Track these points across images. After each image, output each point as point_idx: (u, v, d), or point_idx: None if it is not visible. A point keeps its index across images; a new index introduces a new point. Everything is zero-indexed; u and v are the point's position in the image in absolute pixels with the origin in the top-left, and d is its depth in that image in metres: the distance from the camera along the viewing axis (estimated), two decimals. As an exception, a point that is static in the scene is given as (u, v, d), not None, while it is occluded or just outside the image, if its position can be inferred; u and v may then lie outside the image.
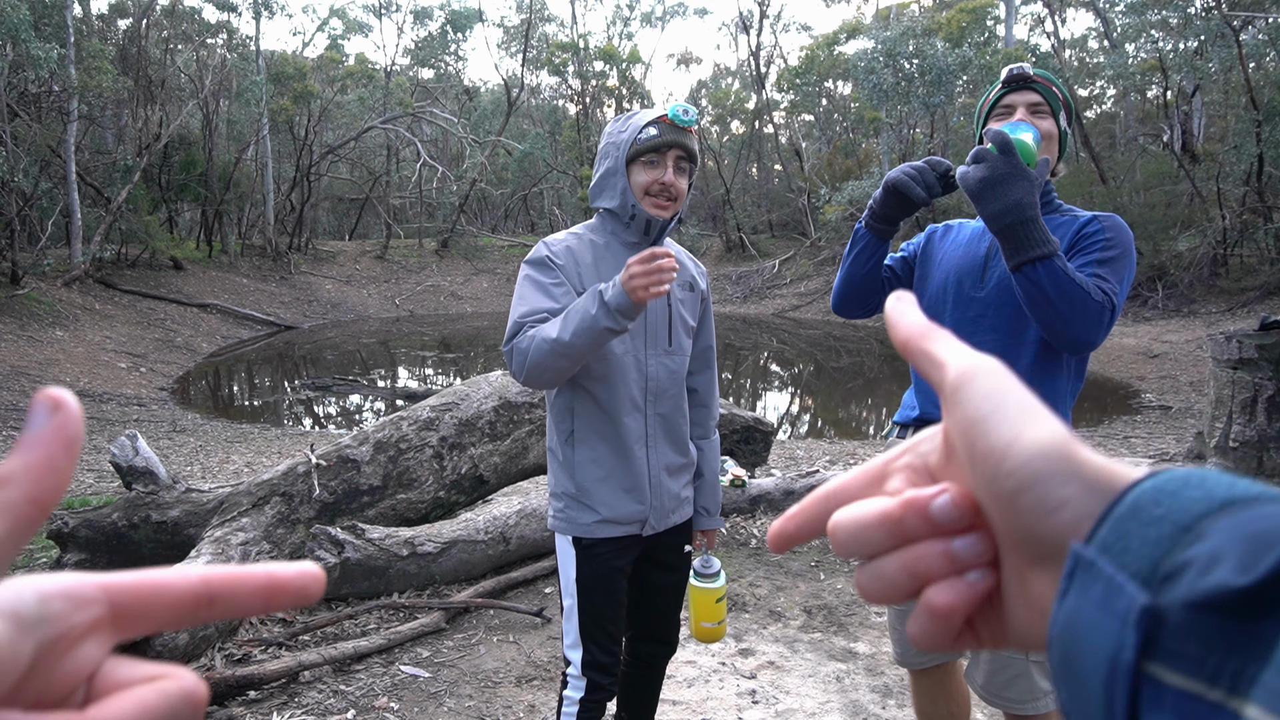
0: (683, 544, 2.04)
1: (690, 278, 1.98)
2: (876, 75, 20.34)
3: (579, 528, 1.87)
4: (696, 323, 2.01)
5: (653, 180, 1.81)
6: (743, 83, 39.13)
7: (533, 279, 1.82)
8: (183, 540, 3.58)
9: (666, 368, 1.90)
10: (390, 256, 26.73)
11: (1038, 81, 1.79)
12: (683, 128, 1.81)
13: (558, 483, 1.91)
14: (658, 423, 1.90)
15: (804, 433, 10.85)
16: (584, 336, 1.63)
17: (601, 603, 1.89)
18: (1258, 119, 14.39)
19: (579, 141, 30.30)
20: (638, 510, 1.88)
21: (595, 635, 1.88)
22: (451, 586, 3.68)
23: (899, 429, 1.97)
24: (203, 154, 22.21)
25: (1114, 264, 1.70)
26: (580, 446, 1.86)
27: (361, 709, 2.74)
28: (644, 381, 1.87)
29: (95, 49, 17.54)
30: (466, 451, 4.04)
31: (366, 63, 31.73)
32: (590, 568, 1.88)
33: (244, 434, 9.16)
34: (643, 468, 1.87)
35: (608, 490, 1.85)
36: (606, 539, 1.87)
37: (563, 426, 1.89)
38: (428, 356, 17.07)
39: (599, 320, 1.61)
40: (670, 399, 1.91)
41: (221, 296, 19.77)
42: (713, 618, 2.02)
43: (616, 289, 1.60)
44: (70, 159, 16.86)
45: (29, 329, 13.43)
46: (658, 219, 1.83)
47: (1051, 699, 1.78)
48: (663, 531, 1.95)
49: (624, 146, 1.82)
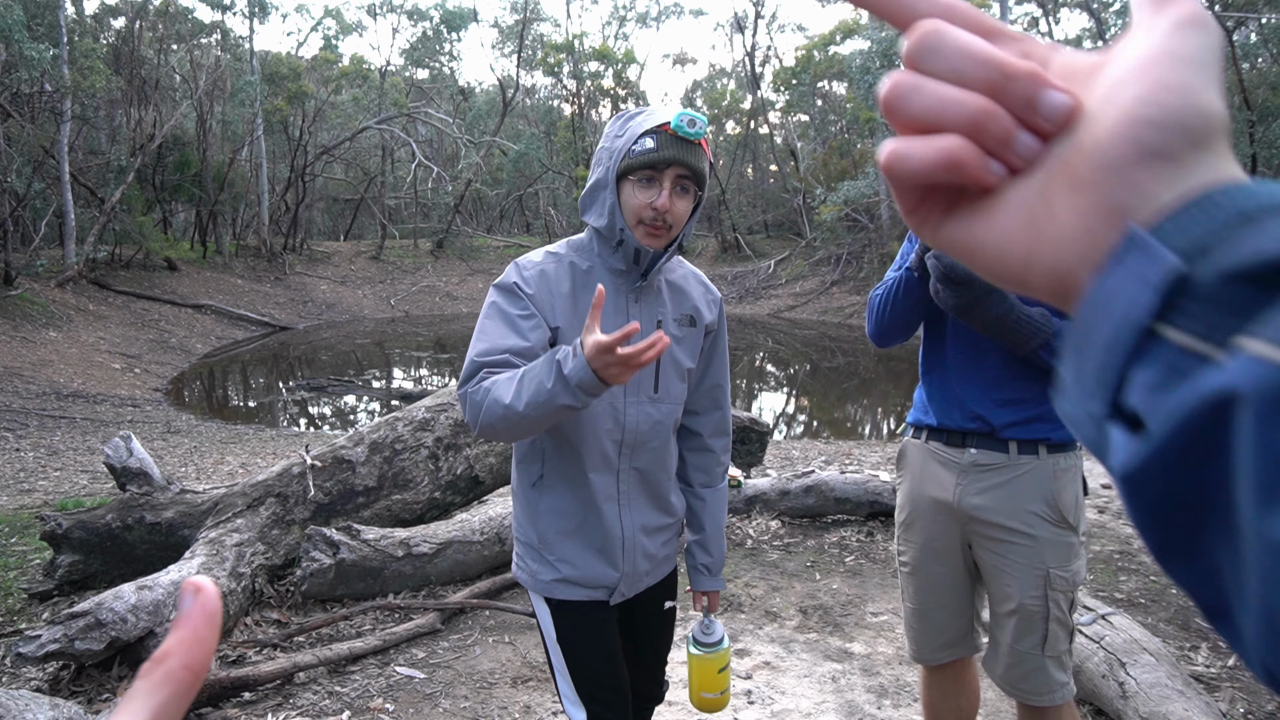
0: (662, 601, 1.78)
1: (691, 309, 1.68)
2: (872, 75, 20.38)
3: (540, 585, 1.63)
4: (698, 362, 1.72)
5: (645, 204, 1.51)
6: (738, 83, 39.14)
7: (498, 308, 1.55)
8: (177, 541, 3.57)
9: (650, 418, 1.62)
10: (385, 257, 26.69)
11: None
12: (687, 140, 1.50)
13: (519, 529, 1.68)
14: (633, 478, 1.64)
15: (799, 433, 10.86)
16: (538, 410, 1.37)
17: (593, 659, 1.64)
18: (1251, 119, 14.45)
19: (574, 142, 30.30)
20: (607, 575, 1.62)
21: (597, 693, 1.63)
22: (447, 587, 3.67)
23: (913, 429, 1.98)
24: (197, 154, 22.15)
25: None
26: (547, 494, 1.62)
27: (356, 710, 2.74)
28: (620, 434, 1.60)
29: (88, 49, 17.50)
30: (462, 452, 4.03)
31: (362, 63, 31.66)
32: (570, 626, 1.64)
33: (239, 435, 9.14)
34: (615, 528, 1.61)
35: (572, 547, 1.61)
36: (573, 600, 1.63)
37: (530, 470, 1.64)
38: (423, 357, 17.05)
39: (556, 397, 1.34)
40: (650, 452, 1.64)
41: (216, 297, 19.72)
42: (715, 688, 1.77)
43: (580, 364, 1.31)
44: (64, 159, 16.80)
45: (22, 330, 13.38)
46: (647, 250, 1.55)
47: (1067, 690, 1.80)
48: (633, 596, 1.69)
49: (616, 156, 1.52)
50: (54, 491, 5.97)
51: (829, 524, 4.61)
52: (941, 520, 1.90)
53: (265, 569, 3.48)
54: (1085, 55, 0.32)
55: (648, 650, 1.82)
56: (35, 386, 11.14)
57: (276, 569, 3.55)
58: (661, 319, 1.64)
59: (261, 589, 3.44)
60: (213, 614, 0.33)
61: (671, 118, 1.50)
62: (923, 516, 1.93)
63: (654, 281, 1.64)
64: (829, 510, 4.64)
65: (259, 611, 3.39)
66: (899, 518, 2.01)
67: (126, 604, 2.80)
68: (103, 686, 2.77)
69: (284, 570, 3.59)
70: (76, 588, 3.58)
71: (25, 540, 4.37)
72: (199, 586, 0.33)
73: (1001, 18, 22.20)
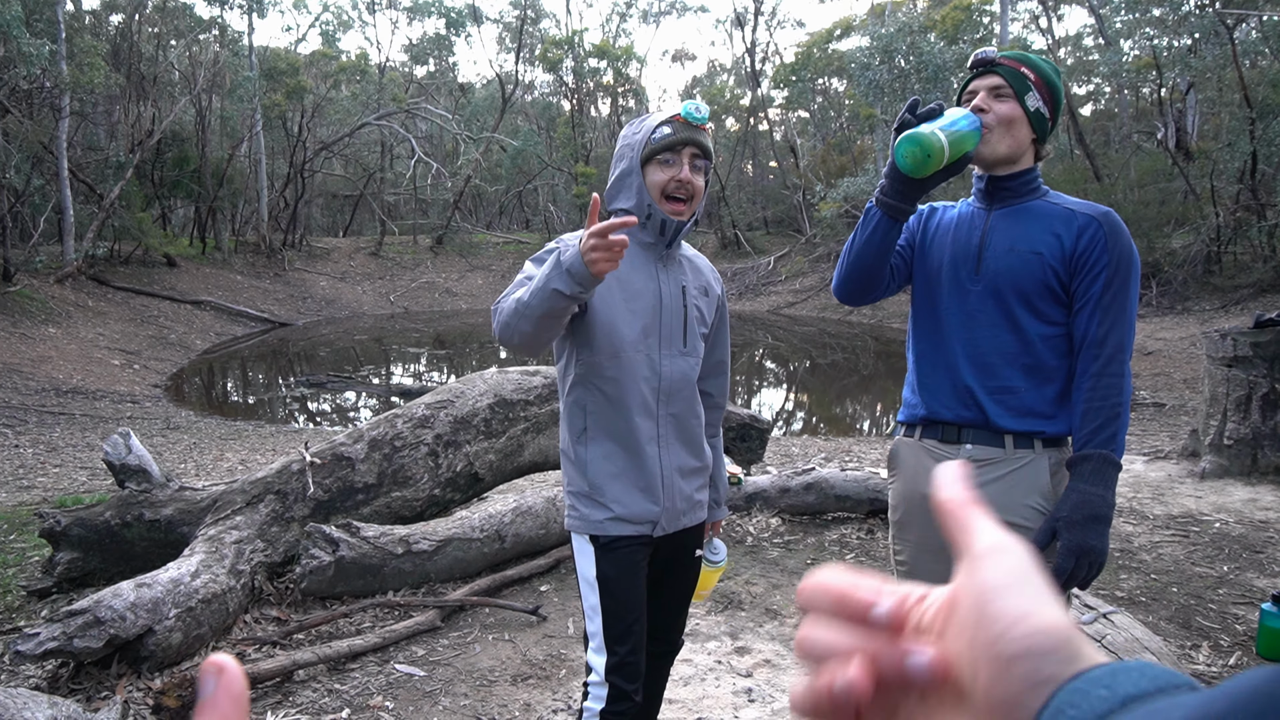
0: (694, 547, 2.00)
1: (705, 283, 1.97)
2: (872, 72, 20.35)
3: (593, 525, 1.83)
4: (711, 328, 1.99)
5: (669, 179, 1.80)
6: (738, 79, 39.10)
7: (536, 262, 1.79)
8: (176, 539, 3.56)
9: (680, 369, 1.87)
10: (384, 253, 26.67)
11: (1003, 64, 1.78)
12: (696, 125, 1.80)
13: (571, 481, 1.88)
14: (670, 423, 1.87)
15: (799, 430, 10.86)
16: (538, 297, 1.59)
17: (626, 602, 1.82)
18: (1251, 116, 14.42)
19: (574, 138, 30.27)
20: (651, 510, 1.84)
21: (621, 637, 1.81)
22: (447, 585, 3.67)
23: (904, 428, 1.95)
24: (196, 150, 22.13)
25: (1118, 297, 1.72)
26: (592, 444, 1.84)
27: (356, 708, 2.73)
28: (657, 381, 1.84)
29: (87, 45, 17.44)
30: (462, 449, 4.03)
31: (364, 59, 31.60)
32: (611, 565, 1.83)
33: (238, 431, 9.13)
34: (655, 467, 1.84)
35: (620, 487, 1.82)
36: (621, 536, 1.83)
37: (575, 424, 1.86)
38: (422, 353, 17.04)
39: (550, 281, 1.56)
40: (683, 400, 1.89)
41: (215, 293, 19.70)
42: (708, 586, 2.14)
43: (574, 253, 1.54)
44: (62, 155, 16.78)
45: (21, 326, 13.37)
46: (673, 221, 1.83)
47: None
48: (673, 533, 1.91)
49: (639, 147, 1.82)
50: (53, 488, 5.96)
51: (829, 521, 4.60)
52: (936, 517, 1.88)
53: (265, 566, 3.47)
54: (942, 593, 0.37)
55: (673, 595, 2.02)
56: (34, 383, 11.13)
57: (276, 566, 3.55)
58: (685, 285, 1.92)
59: (261, 586, 3.43)
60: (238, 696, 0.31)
61: (681, 108, 1.81)
62: (917, 514, 1.90)
63: (676, 253, 1.93)
64: (829, 507, 4.64)
65: (258, 609, 3.39)
66: (893, 517, 1.98)
67: (125, 601, 2.79)
68: (101, 684, 2.76)
69: (283, 568, 3.58)
70: (75, 585, 3.57)
71: (24, 537, 4.36)
72: (221, 667, 0.31)
73: (1001, 15, 22.19)
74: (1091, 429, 1.69)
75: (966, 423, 1.82)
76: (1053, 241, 1.75)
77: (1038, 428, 1.77)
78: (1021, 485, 1.77)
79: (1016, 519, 1.76)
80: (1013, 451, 1.78)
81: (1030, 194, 1.81)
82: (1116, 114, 27.32)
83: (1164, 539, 4.34)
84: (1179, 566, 3.97)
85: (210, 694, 0.31)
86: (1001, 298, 1.77)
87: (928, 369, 1.88)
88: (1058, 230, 1.75)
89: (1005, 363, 1.78)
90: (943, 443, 1.85)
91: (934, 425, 1.87)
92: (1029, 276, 1.75)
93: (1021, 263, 1.75)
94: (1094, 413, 1.70)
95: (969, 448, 1.82)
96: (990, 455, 1.80)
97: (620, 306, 1.82)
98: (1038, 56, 1.82)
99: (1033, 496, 1.76)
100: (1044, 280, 1.74)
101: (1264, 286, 13.96)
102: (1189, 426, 6.49)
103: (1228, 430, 5.29)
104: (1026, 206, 1.80)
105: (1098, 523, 1.65)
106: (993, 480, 1.79)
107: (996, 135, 1.76)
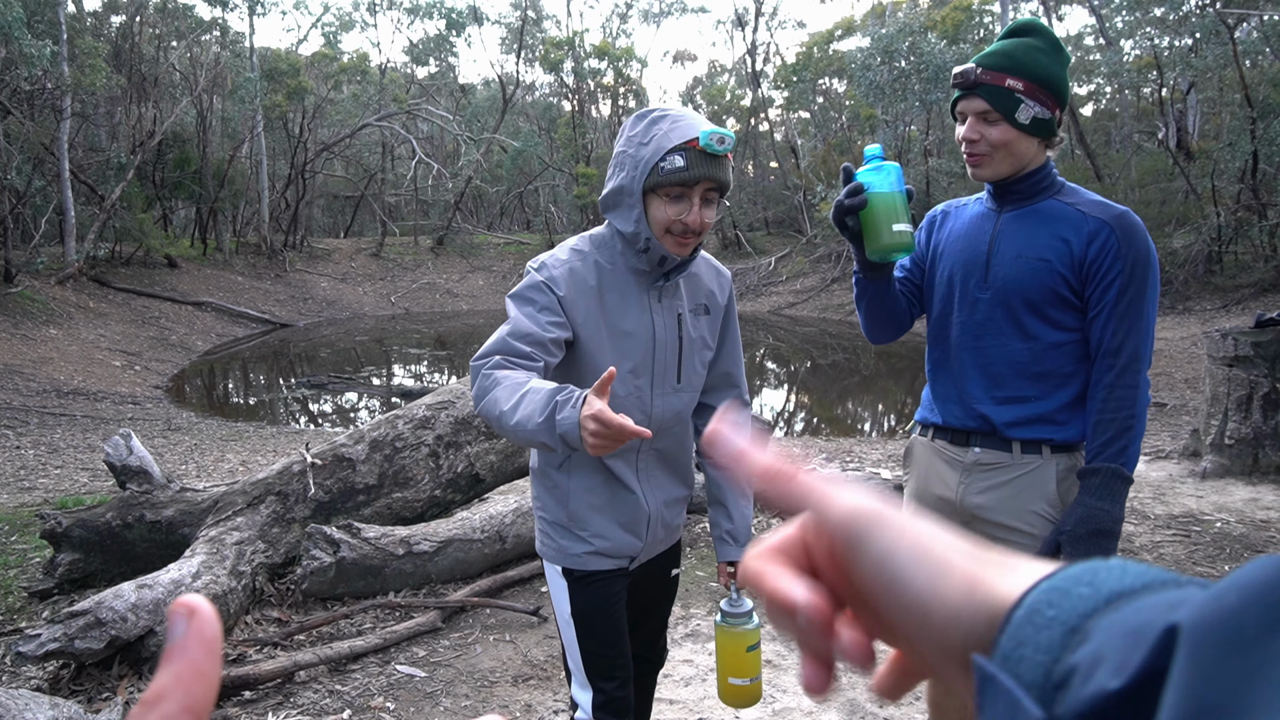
0: (669, 568, 1.91)
1: (705, 297, 1.79)
2: (872, 72, 20.34)
3: (568, 558, 1.73)
4: (714, 345, 1.83)
5: (674, 219, 1.58)
6: (738, 80, 39.09)
7: (528, 299, 1.62)
8: (177, 540, 3.56)
9: (673, 407, 1.74)
10: (385, 254, 26.66)
11: (985, 84, 1.70)
12: (715, 156, 1.57)
13: (546, 508, 1.76)
14: (652, 457, 1.76)
15: (800, 430, 10.85)
16: (521, 434, 1.41)
17: (606, 637, 1.73)
18: (1252, 116, 14.41)
19: (574, 139, 30.26)
20: (633, 545, 1.75)
21: (604, 671, 1.72)
22: (447, 585, 3.67)
23: (920, 427, 1.97)
24: (197, 151, 22.12)
25: (1134, 304, 1.67)
26: (575, 475, 1.72)
27: (357, 709, 2.73)
28: (647, 421, 1.69)
29: (88, 46, 17.47)
30: (463, 450, 4.03)
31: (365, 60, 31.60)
32: (587, 601, 1.73)
33: (239, 432, 9.14)
34: (641, 503, 1.74)
35: (603, 521, 1.72)
36: (598, 571, 1.74)
37: (554, 454, 1.72)
38: (423, 354, 17.04)
39: (538, 434, 1.37)
40: (671, 435, 1.77)
41: (216, 294, 19.71)
42: (745, 673, 1.57)
43: (572, 419, 1.32)
44: (64, 156, 16.79)
45: (22, 327, 13.38)
46: (674, 257, 1.64)
47: None
48: (646, 561, 1.83)
49: (642, 168, 1.57)
50: (54, 489, 5.97)
51: (830, 522, 4.59)
52: (944, 519, 1.88)
53: (265, 567, 3.47)
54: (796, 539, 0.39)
55: (652, 615, 1.95)
56: (35, 384, 11.14)
57: (277, 567, 3.55)
58: (680, 313, 1.74)
59: (262, 587, 3.43)
60: (211, 640, 0.28)
61: (699, 134, 1.54)
62: (927, 515, 1.91)
63: (674, 279, 1.72)
64: (830, 508, 4.62)
65: (259, 610, 3.39)
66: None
67: (126, 603, 2.79)
68: (103, 685, 2.77)
69: (284, 569, 3.58)
70: (76, 586, 3.57)
71: (25, 538, 4.36)
72: (192, 608, 0.28)
73: (1002, 14, 22.18)
74: (1103, 441, 1.67)
75: (975, 429, 1.83)
76: (1061, 247, 1.71)
77: (1046, 435, 1.76)
78: (1027, 491, 1.76)
79: (1022, 525, 1.76)
80: (1019, 457, 1.78)
81: (1042, 193, 1.77)
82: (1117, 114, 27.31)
83: (1165, 539, 4.34)
84: (1180, 566, 3.96)
85: (180, 637, 0.28)
86: (1010, 307, 1.75)
87: (941, 376, 1.90)
88: (1066, 235, 1.71)
89: (1015, 373, 1.77)
90: (952, 445, 1.87)
91: (945, 430, 1.89)
92: (1037, 285, 1.72)
93: (1029, 270, 1.73)
94: (1106, 425, 1.67)
95: (976, 451, 1.82)
96: (997, 460, 1.80)
97: (608, 349, 1.66)
98: (1024, 46, 1.71)
99: (1039, 503, 1.75)
100: (1053, 287, 1.71)
101: (1265, 286, 13.94)
102: (1190, 426, 6.48)
103: (1229, 430, 5.29)
104: (1037, 208, 1.76)
105: (1102, 537, 1.63)
106: (999, 485, 1.79)
107: (997, 159, 1.73)
